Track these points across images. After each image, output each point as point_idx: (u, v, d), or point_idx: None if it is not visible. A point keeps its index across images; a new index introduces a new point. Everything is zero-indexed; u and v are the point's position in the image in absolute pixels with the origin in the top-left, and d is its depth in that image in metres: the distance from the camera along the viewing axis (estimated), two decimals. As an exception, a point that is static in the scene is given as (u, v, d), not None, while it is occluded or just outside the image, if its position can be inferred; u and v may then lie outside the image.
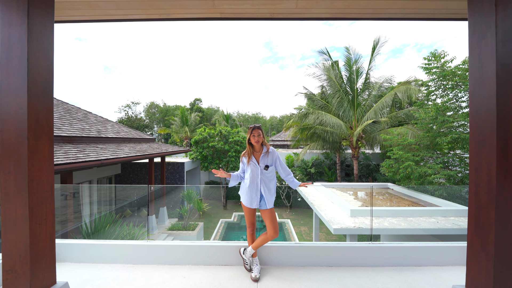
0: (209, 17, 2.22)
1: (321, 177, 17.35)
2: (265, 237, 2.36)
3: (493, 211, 1.14)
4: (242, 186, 2.50)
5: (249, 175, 2.41)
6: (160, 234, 9.68)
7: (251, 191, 2.40)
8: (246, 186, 2.42)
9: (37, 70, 1.19)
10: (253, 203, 2.40)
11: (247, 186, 2.41)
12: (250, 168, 2.42)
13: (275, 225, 2.35)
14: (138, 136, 12.03)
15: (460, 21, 2.24)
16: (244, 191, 2.46)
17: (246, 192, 2.42)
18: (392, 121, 12.77)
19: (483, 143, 1.19)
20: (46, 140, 1.22)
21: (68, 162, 5.50)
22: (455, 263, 2.57)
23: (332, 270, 2.47)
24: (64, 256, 2.61)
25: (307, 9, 2.13)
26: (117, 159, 7.30)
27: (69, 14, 2.13)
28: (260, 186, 2.39)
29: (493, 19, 1.12)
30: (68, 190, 6.45)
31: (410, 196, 8.44)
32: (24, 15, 1.15)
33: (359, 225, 5.95)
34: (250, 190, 2.40)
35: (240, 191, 2.52)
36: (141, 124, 30.85)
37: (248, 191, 2.41)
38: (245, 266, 2.50)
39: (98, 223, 4.66)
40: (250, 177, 2.40)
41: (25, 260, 1.14)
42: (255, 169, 2.40)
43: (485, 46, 1.19)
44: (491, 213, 1.16)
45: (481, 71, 1.20)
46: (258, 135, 2.40)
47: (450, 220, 6.22)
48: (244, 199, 2.46)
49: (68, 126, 8.19)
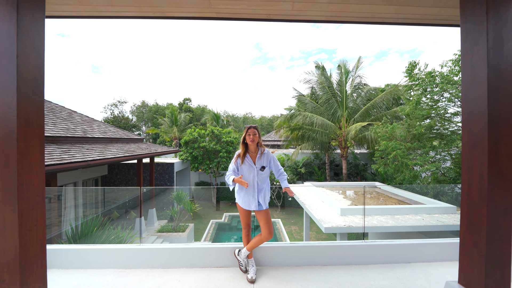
0: (204, 16, 2.19)
1: (311, 177, 17.57)
2: (259, 239, 2.35)
3: (485, 209, 1.19)
4: (238, 189, 2.46)
5: (244, 175, 2.39)
6: (149, 237, 9.46)
7: (248, 192, 2.38)
8: (243, 189, 2.40)
9: (28, 68, 1.13)
10: (251, 205, 2.38)
11: (244, 188, 2.39)
12: (244, 169, 2.39)
13: (269, 226, 2.35)
14: (126, 136, 11.70)
15: (450, 27, 2.34)
16: (240, 192, 2.43)
17: (244, 194, 2.40)
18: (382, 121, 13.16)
19: (475, 144, 1.24)
20: (36, 142, 1.16)
21: (52, 163, 5.26)
22: (443, 259, 2.67)
23: (327, 269, 2.51)
24: (53, 262, 2.50)
25: (303, 11, 2.14)
26: (105, 160, 7.07)
27: (58, 9, 2.04)
28: (256, 187, 2.39)
29: (485, 26, 1.17)
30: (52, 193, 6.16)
31: (397, 194, 8.73)
32: (13, 9, 1.09)
33: (349, 223, 6.07)
34: (247, 192, 2.38)
35: (236, 192, 2.49)
36: (128, 124, 30.00)
37: (245, 193, 2.39)
38: (240, 268, 2.48)
39: (85, 227, 4.48)
40: (245, 178, 2.38)
41: (14, 270, 1.08)
42: (251, 170, 2.39)
43: (476, 52, 1.24)
44: (483, 212, 1.21)
45: (473, 76, 1.25)
46: (254, 134, 2.38)
47: (435, 217, 6.48)
48: (241, 201, 2.43)
49: (52, 125, 7.83)
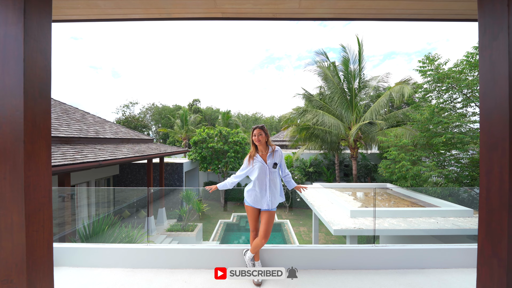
0: (210, 17, 2.17)
1: (319, 177, 17.36)
2: (256, 241, 2.34)
3: (506, 216, 1.11)
4: (250, 188, 2.42)
5: (257, 175, 2.35)
6: (158, 236, 9.61)
7: (261, 191, 2.35)
8: (256, 188, 2.36)
9: (34, 70, 1.14)
10: (263, 204, 2.35)
11: (257, 187, 2.35)
12: (257, 168, 2.36)
13: (267, 229, 2.31)
14: (137, 137, 11.94)
15: (465, 21, 2.22)
16: (252, 192, 2.39)
17: (256, 193, 2.36)
18: (390, 122, 12.80)
19: (495, 146, 1.16)
20: (43, 144, 1.17)
21: (65, 163, 5.42)
22: (459, 265, 2.55)
23: (335, 273, 2.44)
24: (62, 261, 2.56)
25: (310, 9, 2.09)
26: (116, 160, 7.23)
27: (67, 13, 2.08)
28: (268, 185, 2.35)
29: (506, 20, 1.09)
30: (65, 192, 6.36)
31: (409, 196, 8.46)
32: (20, 13, 1.10)
33: (359, 226, 5.93)
34: (260, 191, 2.35)
35: (248, 191, 2.44)
36: (138, 124, 30.65)
37: (258, 193, 2.35)
38: None
39: (96, 225, 4.59)
40: (257, 177, 2.35)
41: (21, 269, 1.09)
42: (264, 168, 2.35)
43: (496, 48, 1.16)
44: (503, 218, 1.13)
45: (493, 72, 1.17)
46: (259, 135, 2.36)
47: (450, 221, 6.23)
48: (252, 200, 2.39)
49: (66, 126, 8.09)
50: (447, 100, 8.33)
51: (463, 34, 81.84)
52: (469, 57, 7.37)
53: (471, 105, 7.78)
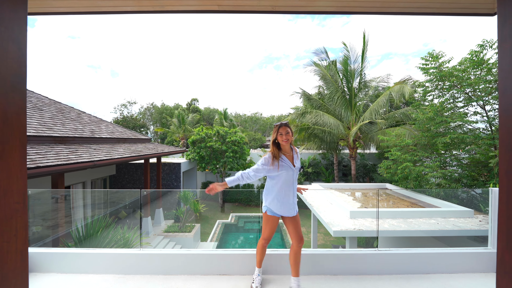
0: (206, 9, 2.06)
1: (318, 177, 17.28)
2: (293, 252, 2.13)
3: (530, 223, 1.00)
4: (275, 196, 2.13)
5: (283, 180, 2.10)
6: (156, 237, 9.46)
7: (287, 197, 2.12)
8: (282, 194, 2.10)
9: (5, 62, 1.01)
10: (291, 210, 2.14)
11: (283, 193, 2.10)
12: (284, 172, 2.08)
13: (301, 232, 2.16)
14: (133, 136, 11.78)
15: (471, 16, 2.12)
16: (277, 199, 2.12)
17: (282, 200, 2.11)
18: (390, 122, 12.74)
19: (516, 146, 1.05)
20: (16, 143, 1.04)
21: (59, 163, 5.27)
22: (466, 270, 2.45)
23: (337, 279, 2.34)
24: (51, 267, 2.43)
25: (311, 2, 1.99)
26: (111, 160, 7.08)
27: (53, 5, 1.96)
28: (294, 190, 2.15)
29: (529, 7, 0.99)
30: (59, 193, 6.21)
31: (409, 196, 8.38)
32: (-13, -3, 0.97)
33: (359, 227, 5.84)
34: (287, 197, 2.12)
35: (269, 199, 2.16)
36: (136, 124, 30.41)
37: (284, 199, 2.11)
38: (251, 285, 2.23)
39: (91, 227, 4.46)
40: (284, 182, 2.10)
41: (-10, 285, 0.95)
42: (291, 172, 2.10)
43: (518, 38, 1.05)
44: (526, 226, 1.03)
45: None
46: (287, 133, 2.05)
47: (450, 221, 6.16)
48: (277, 208, 2.12)
49: (60, 126, 7.93)
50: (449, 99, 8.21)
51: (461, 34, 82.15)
52: (473, 55, 7.23)
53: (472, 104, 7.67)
